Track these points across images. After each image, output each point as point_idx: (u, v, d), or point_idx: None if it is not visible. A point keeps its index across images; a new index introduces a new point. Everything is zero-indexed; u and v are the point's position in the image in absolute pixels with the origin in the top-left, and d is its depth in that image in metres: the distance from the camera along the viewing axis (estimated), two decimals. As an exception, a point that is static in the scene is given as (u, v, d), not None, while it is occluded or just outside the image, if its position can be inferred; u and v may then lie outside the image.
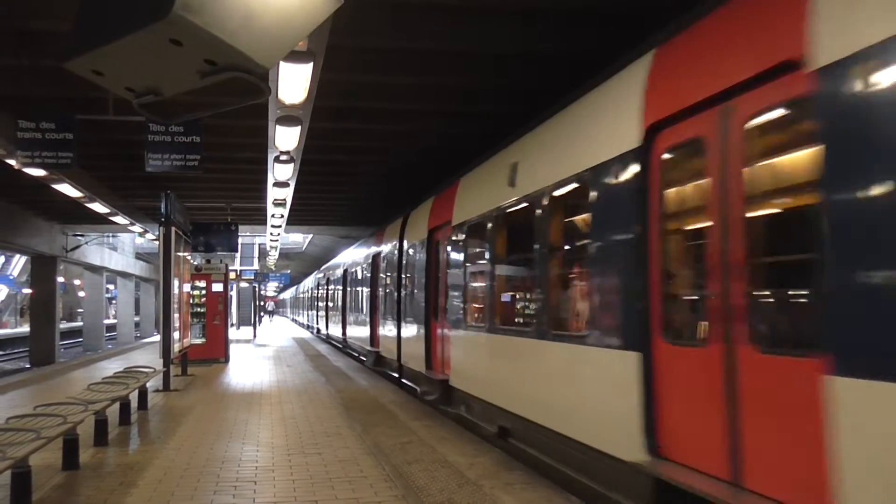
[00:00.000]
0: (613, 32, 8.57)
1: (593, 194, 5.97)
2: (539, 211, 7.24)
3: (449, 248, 11.13)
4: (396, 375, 15.24)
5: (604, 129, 6.02)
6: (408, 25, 8.62)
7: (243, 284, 45.59)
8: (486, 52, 9.54)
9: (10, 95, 10.89)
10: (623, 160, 5.49)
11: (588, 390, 6.13)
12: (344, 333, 24.72)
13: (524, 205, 7.68)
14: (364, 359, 20.14)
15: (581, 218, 6.55)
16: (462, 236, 10.30)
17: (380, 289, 17.69)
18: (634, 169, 5.31)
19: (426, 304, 12.40)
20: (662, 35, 5.75)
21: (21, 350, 37.30)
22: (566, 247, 7.09)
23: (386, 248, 16.97)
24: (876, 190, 3.39)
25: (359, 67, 9.84)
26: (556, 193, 6.89)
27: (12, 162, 11.89)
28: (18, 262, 57.74)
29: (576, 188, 6.45)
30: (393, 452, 7.98)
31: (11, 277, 59.13)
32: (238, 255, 36.65)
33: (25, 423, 6.58)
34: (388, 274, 16.30)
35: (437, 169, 16.08)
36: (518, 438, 7.91)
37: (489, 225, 9.00)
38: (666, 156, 5.11)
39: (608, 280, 5.84)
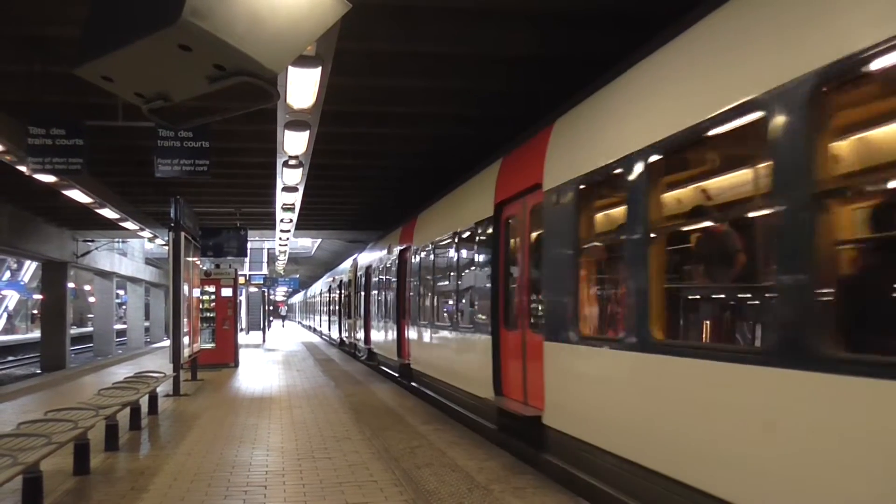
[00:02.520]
0: (621, 35, 8.56)
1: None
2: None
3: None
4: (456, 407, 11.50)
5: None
6: (415, 29, 8.63)
7: (252, 289, 45.68)
8: (494, 55, 9.55)
9: (21, 102, 10.95)
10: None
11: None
12: (367, 341, 22.27)
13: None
14: (392, 371, 17.66)
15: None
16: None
17: (412, 290, 15.14)
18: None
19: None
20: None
21: (32, 355, 37.45)
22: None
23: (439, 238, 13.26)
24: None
25: (367, 71, 9.86)
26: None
27: (23, 168, 11.95)
28: (29, 268, 58.02)
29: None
30: (402, 456, 7.97)
31: (22, 283, 59.42)
32: (247, 259, 36.80)
33: (36, 429, 6.60)
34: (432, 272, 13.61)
35: (446, 173, 16.08)
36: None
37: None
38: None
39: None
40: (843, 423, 3.45)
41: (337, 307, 32.40)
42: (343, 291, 29.48)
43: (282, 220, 21.45)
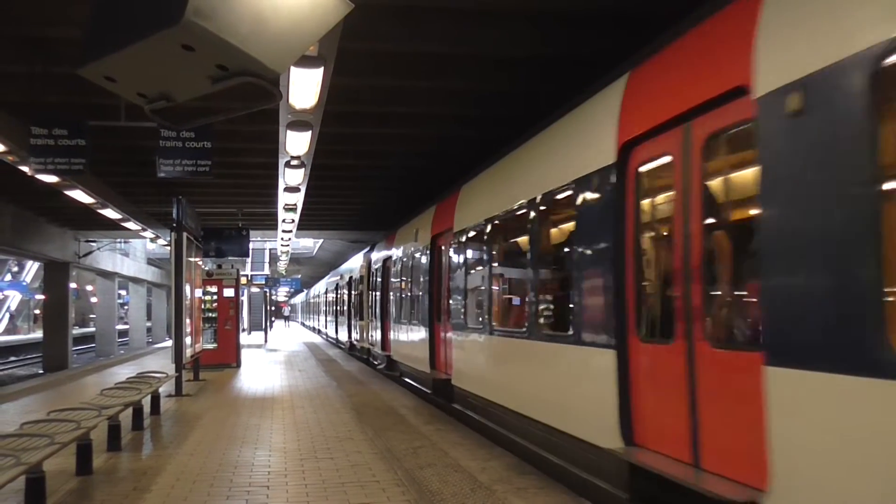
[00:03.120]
0: (622, 34, 8.56)
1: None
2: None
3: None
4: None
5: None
6: (417, 29, 8.63)
7: (254, 289, 45.72)
8: (495, 55, 9.55)
9: (24, 102, 10.96)
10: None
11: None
12: (385, 347, 18.60)
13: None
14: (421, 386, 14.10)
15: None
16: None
17: (454, 285, 11.47)
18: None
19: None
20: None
21: (34, 356, 37.50)
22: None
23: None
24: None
25: (369, 71, 9.86)
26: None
27: (25, 168, 11.96)
28: (31, 269, 58.09)
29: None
30: (405, 457, 7.97)
31: (24, 284, 59.50)
32: (249, 260, 36.84)
33: (39, 429, 6.60)
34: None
35: (448, 173, 16.08)
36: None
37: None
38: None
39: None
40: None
41: (346, 307, 28.45)
42: (353, 290, 26.01)
43: (284, 221, 21.46)
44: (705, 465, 4.75)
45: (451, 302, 11.65)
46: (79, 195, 16.17)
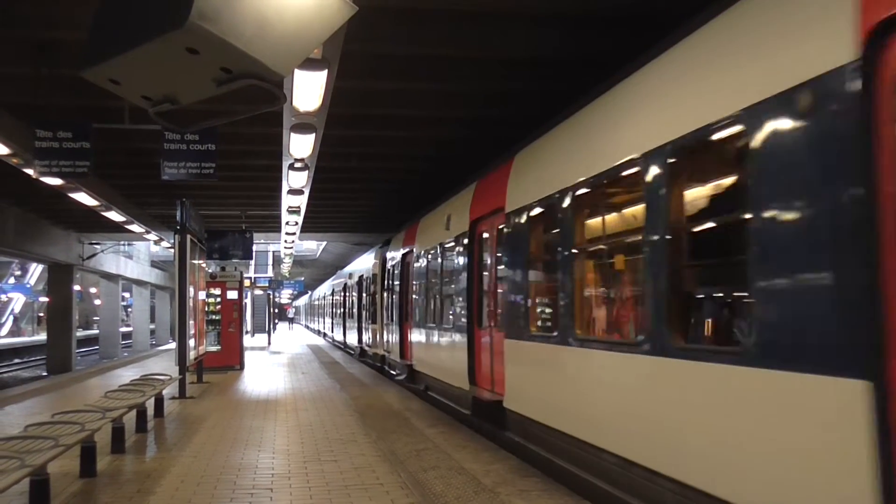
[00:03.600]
0: (623, 34, 8.55)
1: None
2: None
3: None
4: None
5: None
6: (420, 32, 8.63)
7: (258, 292, 45.74)
8: (498, 57, 9.55)
9: (28, 105, 10.97)
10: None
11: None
12: (405, 355, 16.08)
13: None
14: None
15: None
16: None
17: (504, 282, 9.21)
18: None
19: None
20: None
21: (38, 358, 37.55)
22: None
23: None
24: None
25: (372, 74, 9.87)
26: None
27: (30, 171, 11.98)
28: (35, 271, 58.19)
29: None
30: (409, 459, 7.96)
31: (28, 286, 59.59)
32: (252, 262, 36.83)
33: (44, 431, 6.61)
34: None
35: (452, 175, 16.08)
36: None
37: None
38: None
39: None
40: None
41: (355, 310, 25.98)
42: (363, 291, 23.78)
43: (287, 223, 21.47)
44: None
45: (500, 301, 9.31)
46: (83, 198, 16.19)
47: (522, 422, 8.34)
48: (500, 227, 9.39)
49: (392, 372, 18.28)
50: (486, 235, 10.42)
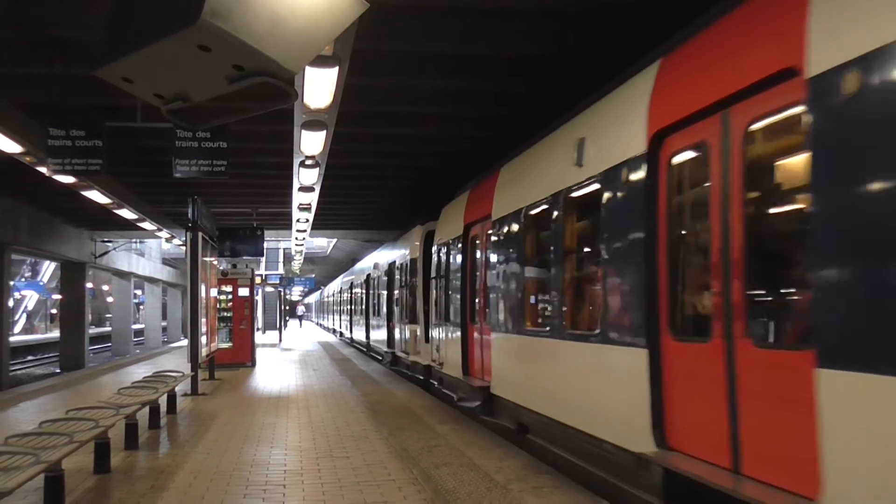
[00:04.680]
0: (641, 31, 8.52)
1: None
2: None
3: None
4: None
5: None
6: (431, 28, 8.62)
7: (268, 289, 45.88)
8: (511, 54, 9.54)
9: (42, 103, 11.05)
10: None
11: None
12: (470, 370, 11.52)
13: None
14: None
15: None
16: None
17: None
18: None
19: None
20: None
21: (51, 355, 37.79)
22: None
23: None
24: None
25: (383, 71, 9.87)
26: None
27: (43, 169, 12.05)
28: (48, 269, 58.53)
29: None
30: (421, 456, 7.97)
31: (41, 283, 59.95)
32: (263, 259, 36.95)
33: (58, 427, 6.65)
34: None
35: (463, 172, 16.08)
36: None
37: None
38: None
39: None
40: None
41: (383, 307, 21.63)
42: (396, 282, 19.22)
43: (298, 220, 21.53)
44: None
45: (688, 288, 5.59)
46: (95, 196, 16.29)
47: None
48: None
49: (445, 391, 13.21)
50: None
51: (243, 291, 20.41)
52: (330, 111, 9.80)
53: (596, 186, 6.64)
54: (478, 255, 11.24)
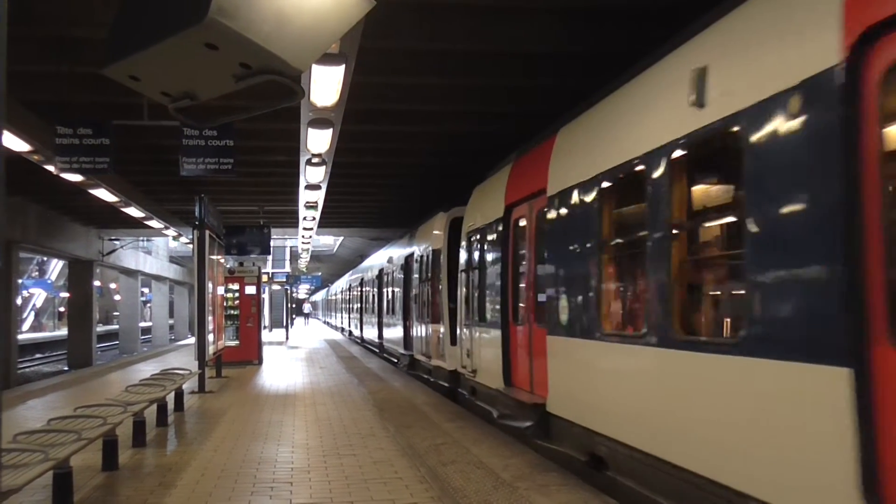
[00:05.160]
0: (645, 29, 8.50)
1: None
2: None
3: None
4: None
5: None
6: (437, 26, 8.63)
7: (275, 287, 45.95)
8: (516, 51, 9.53)
9: (49, 102, 11.09)
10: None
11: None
12: (512, 379, 9.44)
13: None
14: None
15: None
16: None
17: None
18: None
19: None
20: None
21: (59, 353, 37.95)
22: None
23: None
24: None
25: (389, 69, 9.88)
26: None
27: (51, 167, 12.09)
28: (56, 267, 58.77)
29: None
30: (427, 454, 7.98)
31: (49, 282, 60.20)
32: (270, 257, 37.00)
33: (66, 425, 6.68)
34: None
35: (469, 169, 16.07)
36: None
37: None
38: None
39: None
40: None
41: (397, 304, 19.89)
42: (412, 278, 17.41)
43: (305, 218, 21.56)
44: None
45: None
46: (103, 194, 16.34)
47: None
48: None
49: (480, 404, 10.78)
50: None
51: (250, 289, 20.45)
52: (336, 109, 9.81)
53: (735, 129, 4.60)
54: (525, 240, 9.17)
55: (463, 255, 12.22)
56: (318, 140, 11.51)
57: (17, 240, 21.31)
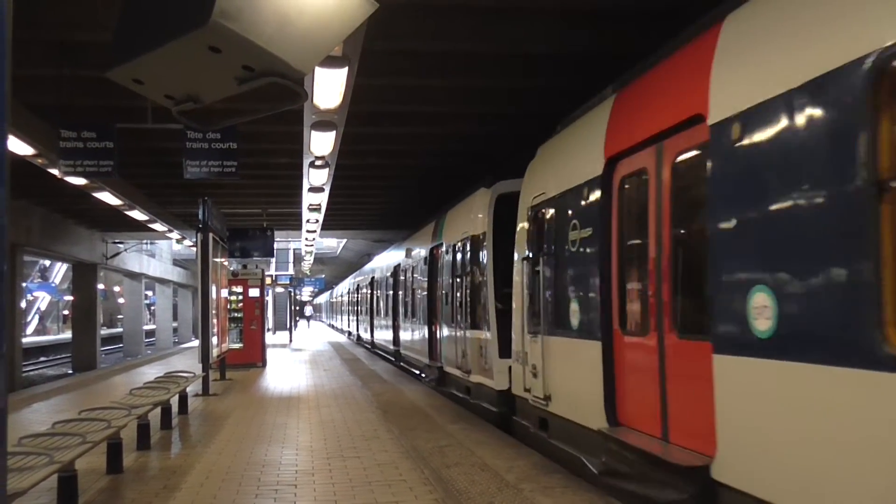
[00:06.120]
0: (647, 29, 8.49)
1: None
2: None
3: None
4: None
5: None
6: (439, 28, 8.63)
7: (279, 289, 45.99)
8: (518, 52, 9.53)
9: (53, 105, 11.09)
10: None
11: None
12: (612, 408, 6.39)
13: None
14: None
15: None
16: None
17: None
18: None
19: None
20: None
21: (63, 356, 38.00)
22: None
23: None
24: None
25: (392, 71, 9.88)
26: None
27: (55, 171, 12.11)
28: (60, 270, 58.85)
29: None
30: (431, 456, 7.97)
31: (53, 285, 60.29)
32: (273, 260, 37.04)
33: (71, 428, 6.68)
34: None
35: (471, 171, 16.07)
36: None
37: None
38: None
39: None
40: None
41: (418, 307, 17.05)
42: (439, 274, 14.56)
43: (308, 221, 21.57)
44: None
45: None
46: (107, 197, 16.36)
47: None
48: None
49: (563, 447, 7.46)
50: None
51: (254, 292, 20.46)
52: (339, 111, 9.82)
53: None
54: (648, 205, 5.88)
55: (524, 239, 8.93)
56: (322, 142, 11.53)
57: (21, 243, 21.35)
